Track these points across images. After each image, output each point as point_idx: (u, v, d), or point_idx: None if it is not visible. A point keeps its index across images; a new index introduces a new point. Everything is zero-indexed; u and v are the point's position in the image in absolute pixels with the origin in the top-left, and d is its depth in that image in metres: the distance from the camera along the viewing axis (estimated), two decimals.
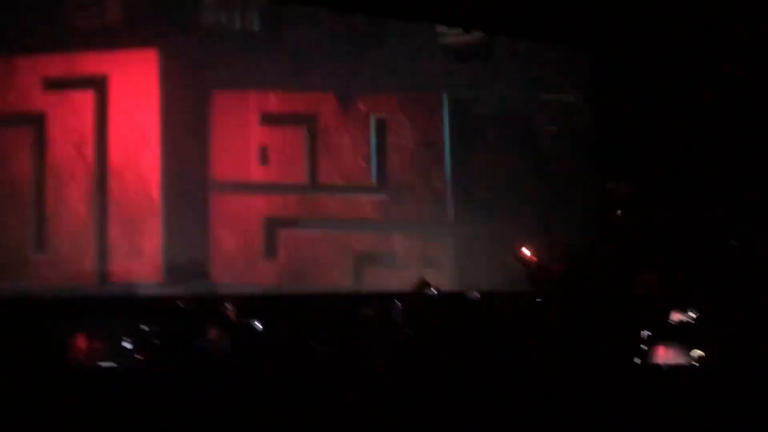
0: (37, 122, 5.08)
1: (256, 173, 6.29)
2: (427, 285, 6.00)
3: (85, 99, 5.10)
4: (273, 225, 6.18)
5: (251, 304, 5.94)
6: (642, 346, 2.64)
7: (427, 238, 7.26)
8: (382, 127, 6.79)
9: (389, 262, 6.67)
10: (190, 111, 5.87)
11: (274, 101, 6.20)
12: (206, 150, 6.12)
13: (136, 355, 4.53)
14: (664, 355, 2.52)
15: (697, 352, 2.46)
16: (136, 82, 5.50)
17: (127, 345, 4.63)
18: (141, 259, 5.81)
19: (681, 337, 2.91)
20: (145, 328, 4.52)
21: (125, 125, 5.52)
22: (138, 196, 5.73)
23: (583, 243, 7.02)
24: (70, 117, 5.21)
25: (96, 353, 4.59)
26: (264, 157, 6.27)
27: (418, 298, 5.87)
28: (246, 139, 6.24)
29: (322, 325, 5.11)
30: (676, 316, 3.81)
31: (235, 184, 6.21)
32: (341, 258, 6.41)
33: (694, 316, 3.79)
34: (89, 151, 5.35)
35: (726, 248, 6.48)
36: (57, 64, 5.11)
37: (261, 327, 5.18)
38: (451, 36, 7.78)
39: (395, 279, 6.22)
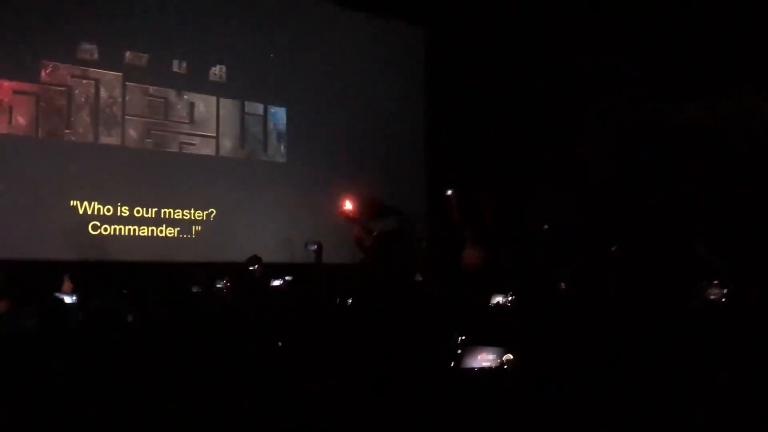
0: None
1: None
2: (257, 260, 5.96)
3: None
4: None
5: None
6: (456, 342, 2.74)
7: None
8: None
9: None
10: None
11: None
12: None
13: None
14: (478, 356, 2.63)
15: (507, 356, 2.59)
16: None
17: None
18: None
19: (496, 331, 3.07)
20: None
21: None
22: None
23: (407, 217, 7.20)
24: None
25: None
26: None
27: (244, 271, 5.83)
28: None
29: (142, 296, 4.89)
30: (496, 299, 4.02)
31: None
32: None
33: (510, 298, 4.02)
34: None
35: (541, 233, 6.90)
36: None
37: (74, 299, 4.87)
38: None
39: None
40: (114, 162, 7.16)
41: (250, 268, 5.81)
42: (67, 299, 4.91)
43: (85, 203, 6.96)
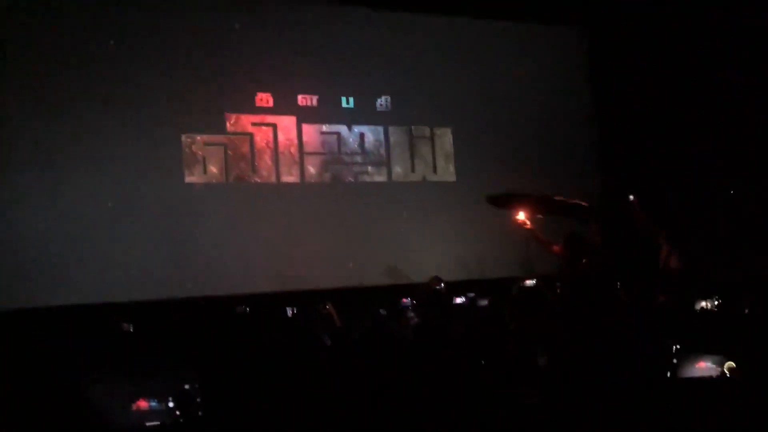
0: None
1: None
2: (439, 281, 6.05)
3: None
4: None
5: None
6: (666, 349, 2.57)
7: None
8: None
9: None
10: None
11: None
12: None
13: None
14: (696, 365, 2.46)
15: (728, 363, 2.39)
16: None
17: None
18: None
19: (709, 340, 2.85)
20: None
21: None
22: None
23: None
24: None
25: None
26: None
27: (429, 292, 5.93)
28: None
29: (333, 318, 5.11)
30: (701, 304, 3.77)
31: None
32: None
33: (717, 303, 3.75)
34: None
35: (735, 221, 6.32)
36: None
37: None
38: None
39: None
40: (296, 198, 7.65)
41: (437, 287, 5.90)
42: None
43: (275, 237, 7.44)
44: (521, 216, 6.13)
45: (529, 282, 5.70)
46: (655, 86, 8.19)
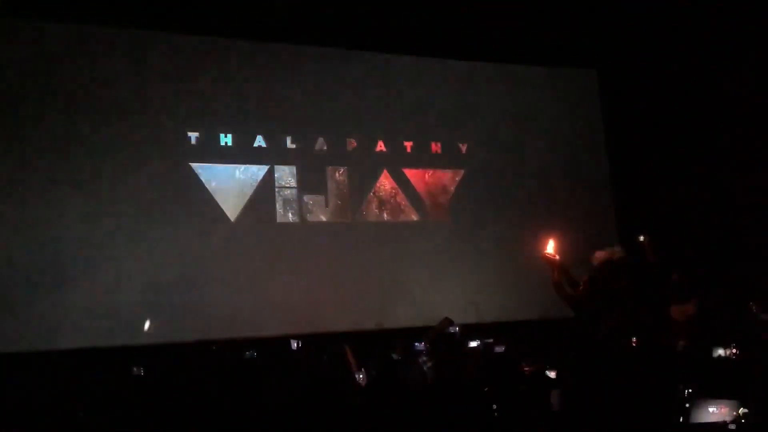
0: None
1: None
2: (450, 323, 6.01)
3: None
4: None
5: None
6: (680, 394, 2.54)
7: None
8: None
9: None
10: None
11: None
12: None
13: None
14: (708, 410, 2.43)
15: (742, 409, 2.37)
16: None
17: None
18: None
19: (723, 382, 2.82)
20: None
21: None
22: None
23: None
24: None
25: None
26: None
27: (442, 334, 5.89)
28: None
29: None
30: (717, 352, 3.73)
31: None
32: None
33: (735, 351, 3.70)
34: None
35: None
36: None
37: None
38: None
39: None
40: (298, 241, 7.69)
41: (451, 330, 5.84)
42: None
43: (287, 280, 7.43)
44: (550, 248, 5.97)
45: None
46: (668, 126, 8.23)
